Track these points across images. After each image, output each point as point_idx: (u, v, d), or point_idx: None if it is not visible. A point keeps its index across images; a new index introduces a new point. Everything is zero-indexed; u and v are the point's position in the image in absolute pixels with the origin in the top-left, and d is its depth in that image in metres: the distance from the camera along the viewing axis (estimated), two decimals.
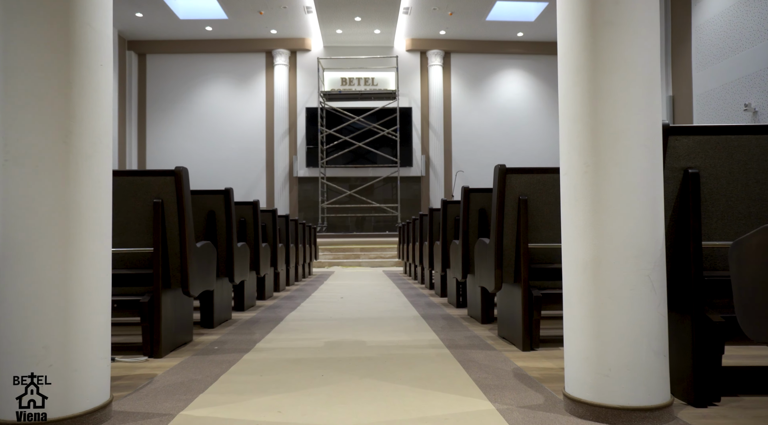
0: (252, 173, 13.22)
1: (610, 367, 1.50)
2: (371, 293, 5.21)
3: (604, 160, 1.53)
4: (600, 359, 1.51)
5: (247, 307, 3.99)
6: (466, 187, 3.52)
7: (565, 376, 1.63)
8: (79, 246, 1.46)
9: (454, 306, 4.10)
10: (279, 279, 5.40)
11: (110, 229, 1.60)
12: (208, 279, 2.73)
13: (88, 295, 1.48)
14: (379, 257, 10.54)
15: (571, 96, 1.60)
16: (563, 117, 1.65)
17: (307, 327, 3.18)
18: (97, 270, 1.51)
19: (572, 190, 1.60)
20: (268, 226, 4.75)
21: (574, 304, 1.58)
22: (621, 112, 1.52)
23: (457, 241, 3.70)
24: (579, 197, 1.57)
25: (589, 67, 1.55)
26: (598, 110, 1.54)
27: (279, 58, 13.14)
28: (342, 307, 4.13)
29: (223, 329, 3.12)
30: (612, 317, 1.51)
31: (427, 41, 13.28)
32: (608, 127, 1.53)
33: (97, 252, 1.51)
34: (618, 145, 1.52)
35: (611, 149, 1.53)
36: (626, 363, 1.49)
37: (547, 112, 13.66)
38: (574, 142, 1.59)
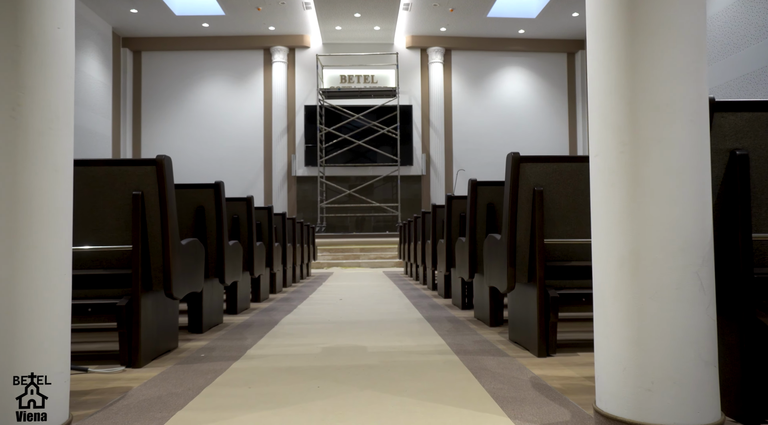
0: (250, 172, 13.00)
1: (653, 380, 1.28)
2: (372, 294, 4.99)
3: (644, 138, 1.31)
4: (641, 370, 1.29)
5: (240, 310, 3.76)
6: (474, 180, 3.30)
7: (597, 389, 1.41)
8: (28, 242, 1.24)
9: (460, 308, 3.88)
10: (275, 280, 5.18)
11: (70, 222, 1.38)
12: (194, 280, 2.51)
13: (40, 299, 1.26)
14: (379, 257, 10.33)
15: (604, 65, 1.38)
16: (594, 90, 1.43)
17: (304, 332, 2.96)
18: (52, 270, 1.29)
19: (605, 174, 1.38)
20: (263, 224, 4.52)
21: (608, 306, 1.37)
22: (665, 82, 1.30)
23: (463, 239, 3.48)
24: (614, 182, 1.35)
25: (626, 29, 1.34)
26: (637, 80, 1.32)
27: (277, 55, 12.93)
28: (341, 310, 3.91)
29: (212, 334, 2.90)
30: (655, 321, 1.29)
31: (427, 38, 13.08)
32: (649, 99, 1.31)
33: (53, 248, 1.29)
34: (661, 120, 1.30)
35: (653, 125, 1.31)
36: (672, 375, 1.27)
37: (549, 110, 13.46)
38: (608, 118, 1.37)
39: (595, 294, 1.42)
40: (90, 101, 11.07)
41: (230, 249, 3.21)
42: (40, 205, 1.26)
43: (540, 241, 2.26)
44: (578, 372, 1.95)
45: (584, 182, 2.30)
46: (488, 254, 2.77)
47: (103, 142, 11.49)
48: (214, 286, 3.18)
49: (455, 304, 4.07)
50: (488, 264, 2.75)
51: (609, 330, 1.36)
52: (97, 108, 11.33)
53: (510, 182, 2.31)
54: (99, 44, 11.42)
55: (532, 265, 2.34)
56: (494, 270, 2.61)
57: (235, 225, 3.72)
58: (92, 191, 2.13)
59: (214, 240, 3.05)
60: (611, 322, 1.35)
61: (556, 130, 13.41)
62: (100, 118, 11.45)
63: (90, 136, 11.01)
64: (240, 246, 3.50)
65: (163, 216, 2.17)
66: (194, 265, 2.52)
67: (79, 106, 10.65)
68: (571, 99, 13.48)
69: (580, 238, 2.31)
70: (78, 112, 10.62)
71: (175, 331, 2.54)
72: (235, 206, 3.72)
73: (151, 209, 2.16)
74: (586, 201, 2.30)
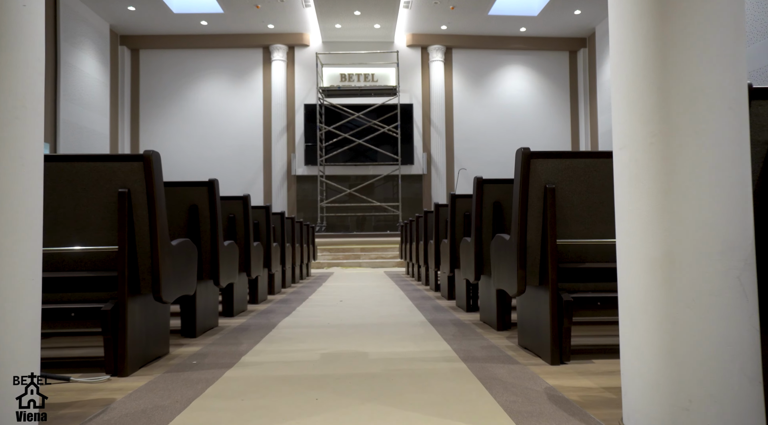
0: (249, 171, 12.87)
1: (690, 398, 1.14)
2: (373, 295, 4.85)
3: (678, 127, 1.18)
4: (676, 387, 1.15)
5: (236, 313, 3.63)
6: (479, 178, 3.16)
7: (624, 406, 1.27)
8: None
9: (464, 310, 3.74)
10: (273, 281, 5.04)
11: (40, 222, 1.24)
12: (186, 283, 2.37)
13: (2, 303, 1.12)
14: (380, 257, 10.20)
15: (631, 49, 1.25)
16: (618, 76, 1.29)
17: (302, 336, 2.82)
18: (17, 274, 1.15)
19: (633, 168, 1.24)
20: (261, 224, 4.39)
21: (637, 315, 1.23)
22: (701, 65, 1.17)
23: (468, 239, 3.35)
24: (643, 176, 1.22)
25: (656, 8, 1.20)
26: (669, 63, 1.19)
27: (276, 54, 12.79)
28: (341, 312, 3.77)
29: (206, 338, 2.76)
30: (691, 331, 1.15)
31: (428, 36, 12.94)
32: (684, 84, 1.18)
33: (17, 250, 1.15)
34: (697, 108, 1.17)
35: (688, 113, 1.17)
36: (711, 392, 1.13)
37: (551, 109, 13.32)
38: (636, 106, 1.24)
39: (622, 301, 1.29)
40: (87, 99, 10.93)
41: (225, 249, 3.07)
42: (2, 202, 1.12)
43: (552, 242, 2.13)
44: (596, 383, 1.81)
45: (599, 179, 2.16)
46: (496, 255, 2.63)
47: (101, 140, 11.35)
48: (209, 288, 3.05)
49: (459, 306, 3.93)
50: (496, 265, 2.61)
51: (639, 341, 1.22)
52: (95, 106, 11.19)
53: (520, 179, 2.17)
54: (96, 42, 11.28)
55: (543, 267, 2.20)
56: (503, 272, 2.48)
57: (231, 224, 3.58)
58: (76, 188, 1.99)
59: (209, 241, 2.91)
60: (641, 333, 1.22)
61: (558, 129, 13.27)
62: (98, 117, 11.31)
63: (87, 134, 10.87)
64: (236, 247, 3.36)
65: (151, 215, 2.03)
66: (186, 267, 2.38)
67: (76, 104, 10.52)
68: (573, 97, 13.34)
69: (595, 239, 2.17)
70: (75, 110, 10.49)
71: (166, 336, 2.40)
72: (231, 205, 3.58)
73: (138, 208, 2.03)
74: (600, 199, 2.17)
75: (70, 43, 10.35)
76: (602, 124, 12.15)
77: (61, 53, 10.08)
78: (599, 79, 12.27)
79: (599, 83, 12.27)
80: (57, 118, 10.00)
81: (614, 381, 1.83)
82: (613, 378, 1.87)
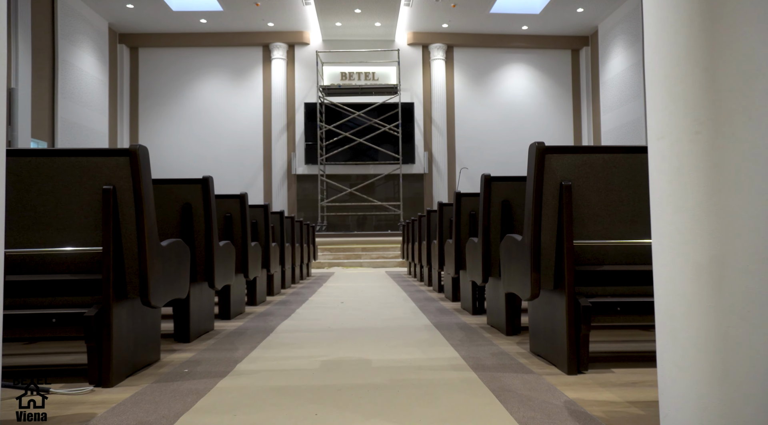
0: (249, 171, 12.72)
1: (746, 423, 0.99)
2: (375, 297, 4.69)
3: (727, 114, 1.03)
4: (728, 410, 1.00)
5: (234, 315, 3.48)
6: (487, 175, 3.02)
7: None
8: None
9: (470, 313, 3.59)
10: (273, 282, 4.90)
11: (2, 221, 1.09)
12: (177, 286, 2.22)
13: None
14: (381, 257, 10.06)
15: (671, 25, 1.10)
16: (654, 57, 1.14)
17: (301, 341, 2.67)
18: None
19: (674, 161, 1.09)
20: (259, 223, 4.25)
21: (679, 328, 1.08)
22: (756, 40, 1.02)
23: (475, 239, 3.20)
24: (686, 170, 1.07)
25: None
26: (718, 40, 1.04)
27: (276, 52, 12.64)
28: (342, 314, 3.63)
29: (201, 343, 2.61)
30: (745, 347, 1.00)
31: (429, 35, 12.79)
32: (736, 63, 1.03)
33: None
34: (752, 90, 1.02)
35: (740, 97, 1.02)
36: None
37: (553, 108, 13.17)
38: (676, 90, 1.09)
39: (660, 312, 1.14)
40: (85, 98, 10.77)
41: (221, 250, 2.92)
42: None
43: (568, 243, 1.98)
44: (620, 396, 1.67)
45: (619, 176, 2.01)
46: (506, 257, 2.48)
47: (99, 139, 11.21)
48: (204, 291, 2.90)
49: (464, 309, 3.78)
50: (507, 267, 2.46)
51: (681, 357, 1.07)
52: (93, 105, 11.03)
53: (534, 176, 2.02)
54: (94, 40, 11.13)
55: (558, 270, 2.05)
56: (514, 274, 2.33)
57: (228, 224, 3.43)
58: (57, 185, 1.84)
59: (203, 241, 2.76)
60: (684, 348, 1.07)
61: (560, 128, 13.13)
62: (97, 115, 11.16)
63: (86, 132, 10.72)
64: (232, 247, 3.22)
65: (138, 214, 1.88)
66: (177, 269, 2.23)
67: (74, 103, 10.37)
68: (575, 96, 13.19)
69: (614, 239, 2.03)
70: (73, 108, 10.35)
71: (157, 342, 2.25)
72: (227, 204, 3.44)
73: (124, 206, 1.88)
74: (620, 197, 2.02)
75: (68, 40, 10.21)
76: (605, 122, 11.99)
77: (59, 51, 9.94)
78: (602, 77, 12.12)
79: (602, 82, 12.12)
80: (55, 115, 9.86)
81: (639, 393, 1.68)
82: (637, 390, 1.72)
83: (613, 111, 11.60)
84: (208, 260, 2.74)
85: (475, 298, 3.62)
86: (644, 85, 10.47)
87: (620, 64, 11.27)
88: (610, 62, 11.73)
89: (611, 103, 11.69)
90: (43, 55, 9.58)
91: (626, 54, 11.01)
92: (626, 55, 11.01)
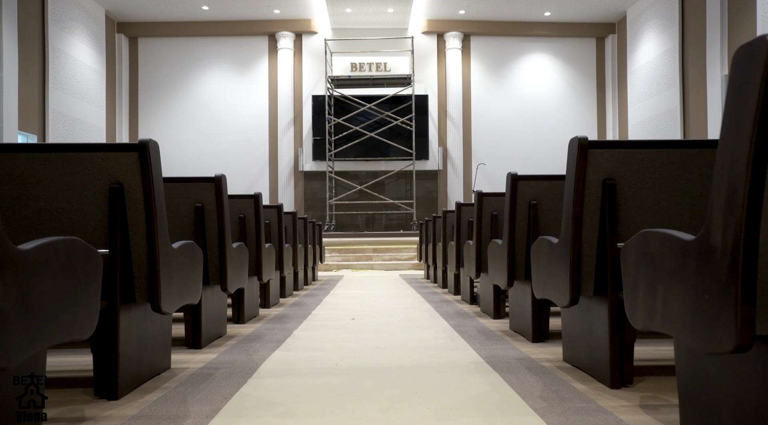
0: (254, 167, 12.73)
1: None
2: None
3: None
4: None
5: (248, 319, 3.47)
6: (514, 174, 2.97)
7: None
8: None
9: (491, 317, 3.54)
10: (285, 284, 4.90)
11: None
12: (189, 290, 2.19)
13: None
14: (394, 259, 10.01)
15: None
16: None
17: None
18: None
19: None
20: (272, 224, 4.31)
21: None
22: None
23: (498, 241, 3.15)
24: None
25: None
26: None
27: (283, 42, 12.63)
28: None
29: (213, 350, 2.59)
30: None
31: (444, 22, 12.71)
32: None
33: None
34: None
35: None
36: None
37: (576, 100, 13.04)
38: None
39: None
40: (80, 89, 10.75)
41: (234, 252, 2.91)
42: None
43: (612, 245, 1.92)
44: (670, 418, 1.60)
45: (674, 173, 1.94)
46: (538, 260, 2.43)
47: (96, 133, 11.24)
48: (216, 294, 2.91)
49: (485, 312, 3.73)
50: (539, 272, 2.41)
51: None
52: (89, 97, 11.04)
53: (575, 172, 1.96)
54: (90, 28, 11.13)
55: (600, 274, 2.00)
56: (548, 279, 2.27)
57: (241, 225, 3.47)
58: (60, 183, 1.82)
59: (215, 242, 2.75)
60: None
61: (583, 122, 12.99)
62: (93, 108, 11.18)
63: (81, 126, 10.70)
64: (246, 249, 3.23)
65: (148, 214, 1.85)
66: (189, 273, 2.21)
67: (67, 94, 10.31)
68: (600, 88, 13.05)
69: None
70: (66, 100, 10.30)
71: (167, 349, 2.23)
72: (241, 204, 3.49)
73: (133, 205, 1.85)
74: (671, 197, 1.95)
75: (60, 26, 10.07)
76: (633, 115, 11.84)
77: (49, 37, 9.75)
78: (630, 66, 11.95)
79: (630, 71, 11.96)
80: (45, 107, 9.72)
81: None
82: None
83: (643, 102, 11.42)
84: (221, 262, 2.73)
85: (497, 302, 3.63)
86: (682, 71, 10.37)
87: (652, 51, 11.06)
88: (639, 49, 11.55)
89: (640, 94, 11.52)
90: (31, 41, 9.35)
91: (659, 39, 10.79)
92: (659, 40, 10.79)
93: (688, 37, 9.99)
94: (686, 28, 10.07)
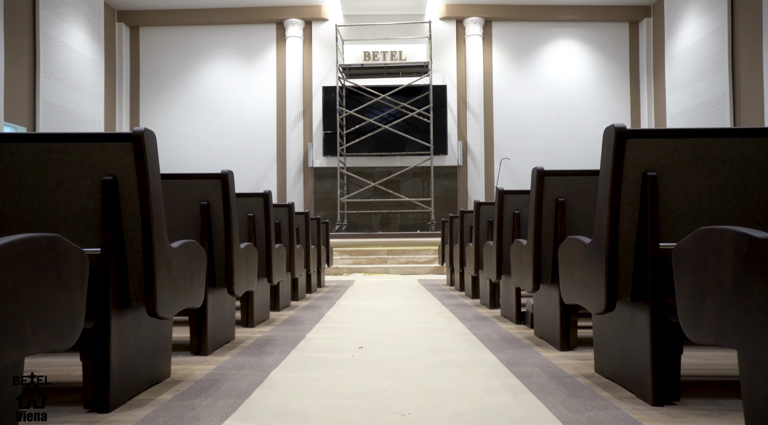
0: (261, 163, 12.74)
1: None
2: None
3: None
4: None
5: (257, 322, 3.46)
6: (540, 169, 2.92)
7: None
8: None
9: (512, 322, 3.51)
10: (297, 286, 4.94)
11: None
12: (190, 293, 2.16)
13: None
14: (411, 262, 9.94)
15: None
16: None
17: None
18: None
19: None
20: (283, 224, 4.35)
21: None
22: None
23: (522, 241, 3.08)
24: None
25: None
26: None
27: (291, 30, 12.62)
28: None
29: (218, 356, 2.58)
30: None
31: (464, 7, 12.60)
32: None
33: None
34: None
35: None
36: None
37: (607, 89, 12.85)
38: None
39: None
40: (75, 79, 10.76)
41: (242, 253, 2.90)
42: None
43: (653, 246, 1.85)
44: None
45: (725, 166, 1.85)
46: (567, 261, 2.36)
47: (94, 127, 11.29)
48: (223, 297, 2.93)
49: (505, 316, 3.66)
50: (568, 275, 2.34)
51: None
52: (85, 88, 11.08)
53: (611, 165, 1.89)
54: (88, 16, 11.16)
55: (638, 278, 1.92)
56: (579, 283, 2.20)
57: (250, 224, 3.51)
58: (47, 177, 1.78)
59: (222, 242, 2.73)
60: None
61: (615, 113, 12.79)
62: (90, 100, 11.23)
63: (76, 118, 10.68)
64: (255, 250, 3.23)
65: (144, 210, 1.82)
66: (190, 274, 2.17)
67: (60, 84, 10.23)
68: (633, 76, 12.84)
69: None
70: (59, 90, 10.20)
71: (167, 357, 2.21)
72: (250, 203, 3.52)
73: (127, 200, 1.81)
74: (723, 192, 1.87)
75: (52, 11, 9.96)
76: (672, 105, 11.58)
77: (40, 22, 9.63)
78: (668, 52, 11.69)
79: (668, 57, 11.70)
80: (36, 97, 9.61)
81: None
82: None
83: (684, 90, 11.13)
84: (228, 264, 2.71)
85: (519, 306, 3.67)
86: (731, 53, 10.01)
87: (694, 34, 10.74)
88: (679, 33, 11.28)
89: (680, 82, 11.25)
90: (19, 24, 9.17)
91: (703, 20, 10.45)
92: (703, 20, 10.46)
93: (740, 14, 9.66)
94: (736, 4, 9.76)
